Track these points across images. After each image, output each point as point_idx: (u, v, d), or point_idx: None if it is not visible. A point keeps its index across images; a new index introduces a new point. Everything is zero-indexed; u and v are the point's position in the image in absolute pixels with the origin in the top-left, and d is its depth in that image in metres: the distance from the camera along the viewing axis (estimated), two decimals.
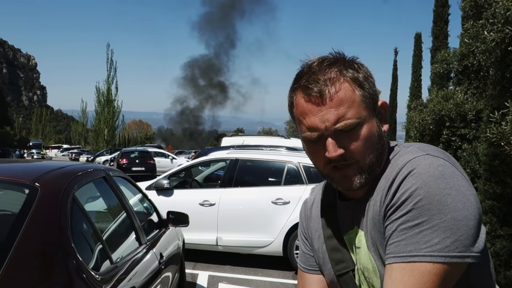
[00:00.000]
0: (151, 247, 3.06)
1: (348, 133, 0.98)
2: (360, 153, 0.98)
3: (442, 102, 8.24)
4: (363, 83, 1.01)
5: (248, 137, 13.57)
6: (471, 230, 0.87)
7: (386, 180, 0.98)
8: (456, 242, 0.86)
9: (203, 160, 7.53)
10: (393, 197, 0.93)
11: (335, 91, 0.97)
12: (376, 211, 0.99)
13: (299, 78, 1.04)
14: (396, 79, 30.99)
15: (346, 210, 1.11)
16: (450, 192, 0.88)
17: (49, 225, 1.84)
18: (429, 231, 0.87)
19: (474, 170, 7.65)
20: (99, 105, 50.52)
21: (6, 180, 2.06)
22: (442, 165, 0.92)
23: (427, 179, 0.90)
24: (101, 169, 2.87)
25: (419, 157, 0.94)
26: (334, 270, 1.12)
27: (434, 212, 0.87)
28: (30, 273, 1.63)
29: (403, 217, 0.90)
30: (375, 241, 1.00)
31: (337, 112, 0.97)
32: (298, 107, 1.03)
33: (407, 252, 0.88)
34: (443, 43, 15.60)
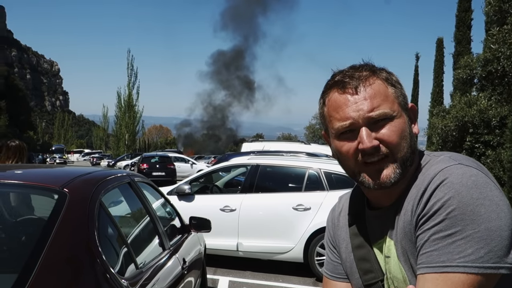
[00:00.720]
0: (174, 252, 3.09)
1: (382, 124, 0.99)
2: (394, 145, 0.99)
3: (465, 108, 8.14)
4: (395, 83, 1.04)
5: (268, 142, 13.58)
6: (505, 240, 0.86)
7: (417, 189, 0.97)
8: (490, 253, 0.85)
9: (223, 166, 7.57)
10: (425, 206, 0.93)
11: (369, 84, 1.01)
12: (407, 220, 0.98)
13: (332, 78, 1.07)
14: (418, 85, 30.66)
15: (375, 219, 1.11)
16: (483, 202, 0.88)
17: (78, 230, 1.88)
18: (462, 241, 0.86)
19: (498, 177, 7.52)
20: (120, 110, 51.23)
21: (36, 185, 2.11)
22: (475, 174, 0.92)
23: (460, 188, 0.89)
24: (126, 174, 2.92)
25: (451, 167, 0.94)
26: (362, 280, 1.12)
27: (467, 222, 0.87)
28: (60, 277, 1.66)
29: (436, 227, 0.90)
30: (405, 250, 1.00)
31: (371, 102, 0.99)
32: (331, 102, 1.04)
33: (440, 263, 0.88)
34: (466, 48, 15.41)
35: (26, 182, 2.14)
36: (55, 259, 1.69)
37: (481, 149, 8.16)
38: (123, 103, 50.98)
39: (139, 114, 52.33)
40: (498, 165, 7.59)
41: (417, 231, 0.95)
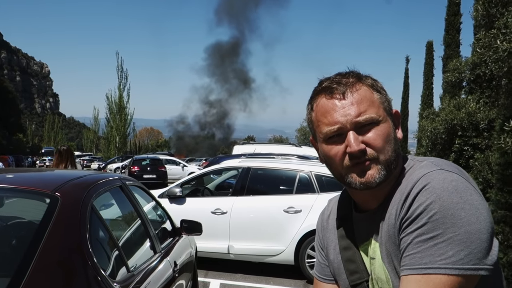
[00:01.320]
0: (166, 255, 3.10)
1: (368, 128, 1.03)
2: (379, 148, 1.02)
3: (454, 111, 8.24)
4: (380, 89, 1.08)
5: (259, 145, 13.61)
6: (484, 243, 0.90)
7: (401, 194, 1.01)
8: (470, 255, 0.89)
9: (215, 169, 7.59)
10: (408, 210, 0.97)
11: (356, 90, 1.05)
12: (391, 223, 1.02)
13: (319, 85, 1.10)
14: (408, 87, 30.87)
15: (362, 222, 1.14)
16: (463, 206, 0.91)
17: (70, 234, 1.90)
18: (443, 244, 0.90)
19: (486, 179, 7.62)
20: (110, 112, 50.97)
21: (28, 189, 2.12)
22: (455, 179, 0.95)
23: (441, 193, 0.93)
24: (117, 178, 2.93)
25: (433, 172, 0.98)
26: (349, 280, 1.15)
27: (448, 226, 0.90)
28: (52, 281, 1.67)
29: (418, 230, 0.93)
30: (389, 253, 1.03)
31: (358, 107, 1.03)
32: (319, 108, 1.08)
33: (422, 264, 0.91)
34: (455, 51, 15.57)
35: (18, 186, 2.15)
36: (47, 262, 1.70)
37: (470, 151, 8.26)
38: (114, 105, 50.74)
39: (130, 116, 52.09)
40: (486, 168, 7.68)
41: (400, 234, 0.99)
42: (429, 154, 8.90)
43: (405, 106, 30.81)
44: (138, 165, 22.65)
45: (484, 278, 0.92)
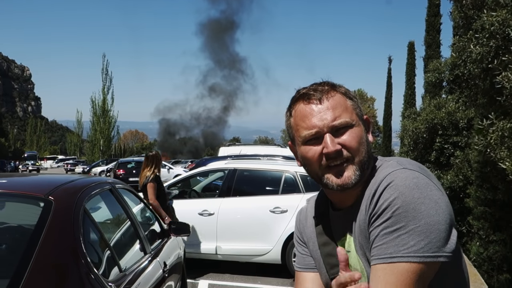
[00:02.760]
0: (155, 256, 3.17)
1: (343, 131, 1.13)
2: (354, 150, 1.12)
3: (434, 110, 8.44)
4: (352, 97, 1.19)
5: (245, 146, 13.71)
6: (442, 233, 1.01)
7: (369, 191, 1.11)
8: (429, 244, 0.99)
9: (201, 171, 7.66)
10: (375, 206, 1.07)
11: (331, 96, 1.16)
12: (362, 219, 1.12)
13: (297, 93, 1.21)
14: (391, 87, 31.24)
15: (338, 219, 1.24)
16: (423, 201, 1.02)
17: (64, 236, 1.97)
18: (406, 235, 1.01)
19: (466, 176, 7.82)
20: (94, 115, 50.53)
21: (21, 194, 2.18)
22: (416, 177, 1.06)
23: (403, 190, 1.04)
24: (107, 181, 3.00)
25: (397, 171, 1.09)
26: (329, 273, 1.25)
27: (410, 219, 1.01)
28: (49, 281, 1.75)
29: (384, 224, 1.04)
30: (362, 245, 1.13)
31: (333, 112, 1.13)
32: (297, 113, 1.18)
33: (388, 254, 1.02)
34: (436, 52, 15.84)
35: (12, 191, 2.21)
36: (44, 264, 1.77)
37: (450, 149, 8.47)
38: (98, 108, 50.32)
39: (114, 119, 51.70)
40: (466, 165, 7.89)
41: (369, 227, 1.09)
42: (411, 152, 9.09)
43: (388, 106, 31.17)
44: (123, 168, 22.57)
45: (445, 264, 1.03)
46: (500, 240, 6.27)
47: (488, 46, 3.54)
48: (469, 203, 7.07)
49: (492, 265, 6.27)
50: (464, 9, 4.86)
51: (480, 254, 6.42)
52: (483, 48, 3.58)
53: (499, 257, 6.20)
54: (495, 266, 6.23)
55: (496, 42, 3.50)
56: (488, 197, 6.32)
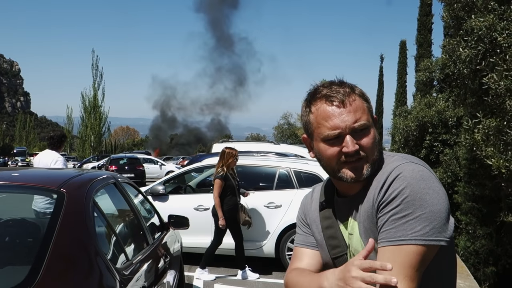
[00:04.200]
0: (157, 247, 3.30)
1: (361, 133, 1.26)
2: (369, 150, 1.26)
3: (425, 109, 8.63)
4: (368, 99, 1.33)
5: (238, 143, 13.80)
6: (443, 220, 1.16)
7: (377, 182, 1.25)
8: (433, 229, 1.14)
9: (196, 167, 7.77)
10: (384, 194, 1.21)
11: (352, 100, 1.28)
12: (369, 206, 1.26)
13: (318, 92, 1.32)
14: (382, 85, 31.47)
15: (343, 205, 1.38)
16: (428, 191, 1.17)
17: (78, 226, 2.09)
18: (413, 221, 1.15)
19: (454, 173, 8.03)
20: (85, 111, 50.25)
21: (35, 186, 2.30)
22: (421, 170, 1.21)
23: (411, 181, 1.18)
24: (111, 175, 3.12)
25: (404, 164, 1.23)
26: (331, 254, 1.39)
27: (417, 206, 1.15)
28: (67, 267, 1.87)
29: (393, 210, 1.18)
30: (367, 229, 1.27)
31: (354, 115, 1.26)
32: (320, 112, 1.29)
33: (396, 238, 1.16)
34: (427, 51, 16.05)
35: (26, 183, 2.32)
36: (60, 251, 1.89)
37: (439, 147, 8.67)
38: (88, 104, 50.03)
39: (105, 115, 51.45)
40: (454, 162, 8.09)
41: (378, 214, 1.23)
42: (401, 150, 9.28)
43: (380, 103, 31.42)
44: (115, 164, 22.55)
45: (443, 248, 1.18)
46: (487, 235, 6.47)
47: (476, 49, 3.70)
48: (458, 199, 7.26)
49: (478, 259, 6.46)
50: (455, 11, 5.01)
51: (467, 248, 6.61)
52: (472, 51, 3.74)
53: (485, 251, 6.40)
54: (482, 259, 6.43)
55: (484, 46, 3.65)
56: (475, 193, 6.51)
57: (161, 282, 3.06)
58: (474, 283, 4.45)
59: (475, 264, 6.44)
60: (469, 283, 4.33)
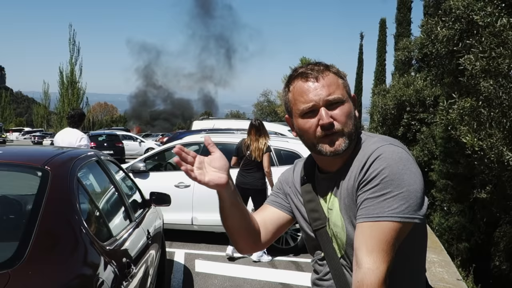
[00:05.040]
0: (139, 224, 3.35)
1: (335, 106, 1.33)
2: (344, 123, 1.33)
3: (403, 88, 8.77)
4: (343, 76, 1.40)
5: (218, 120, 13.80)
6: (418, 199, 1.24)
7: (359, 162, 1.32)
8: (409, 208, 1.22)
9: (177, 144, 7.77)
10: (365, 174, 1.28)
11: (326, 75, 1.35)
12: (350, 184, 1.33)
13: (295, 71, 1.41)
14: (362, 63, 31.60)
15: (323, 180, 1.46)
16: (406, 172, 1.24)
17: (63, 203, 2.12)
18: (390, 199, 1.22)
19: (431, 151, 8.23)
20: (62, 86, 49.28)
21: (20, 164, 2.31)
22: (400, 152, 1.28)
23: (391, 162, 1.25)
24: (94, 153, 3.13)
25: (384, 146, 1.30)
26: (312, 226, 1.47)
27: (395, 186, 1.22)
28: (54, 243, 1.91)
29: (373, 189, 1.25)
30: (346, 206, 1.35)
31: (328, 89, 1.33)
32: (296, 89, 1.37)
33: (374, 214, 1.23)
34: (406, 29, 16.16)
35: (9, 161, 2.33)
36: (46, 228, 1.93)
37: (417, 126, 8.85)
38: (65, 79, 49.03)
39: (83, 91, 50.54)
40: (431, 141, 8.28)
41: (357, 192, 1.30)
42: (380, 128, 9.44)
43: (359, 82, 31.60)
44: (94, 141, 22.22)
45: (416, 225, 1.26)
46: (460, 211, 6.70)
47: (454, 29, 3.78)
48: (433, 176, 7.47)
49: (452, 235, 6.70)
50: None
51: (442, 225, 6.85)
52: (449, 31, 3.82)
53: (459, 227, 6.63)
54: (455, 235, 6.67)
55: (461, 25, 3.74)
56: (450, 171, 6.71)
57: (144, 258, 3.11)
58: (447, 258, 4.64)
59: (448, 240, 6.68)
60: (443, 257, 4.52)
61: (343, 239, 1.37)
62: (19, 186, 2.37)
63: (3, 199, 2.26)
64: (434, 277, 4.11)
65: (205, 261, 5.88)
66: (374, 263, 1.19)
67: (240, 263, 5.84)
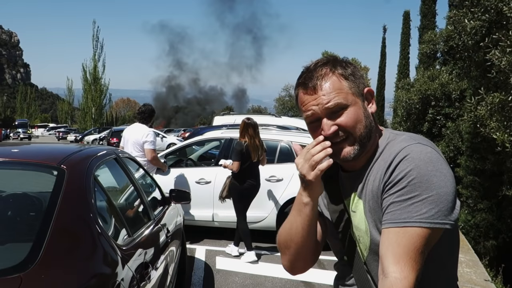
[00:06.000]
0: (159, 222, 3.31)
1: (340, 113, 1.25)
2: (351, 128, 1.25)
3: (428, 82, 8.54)
4: (349, 76, 1.29)
5: (239, 115, 13.74)
6: (450, 203, 1.14)
7: (385, 162, 1.23)
8: (439, 212, 1.13)
9: (198, 140, 7.74)
10: (390, 175, 1.19)
11: (325, 81, 1.27)
12: (375, 185, 1.25)
13: (299, 78, 1.34)
14: (385, 57, 31.15)
15: (347, 180, 1.37)
16: (435, 174, 1.15)
17: (79, 202, 2.08)
18: (419, 203, 1.13)
19: (457, 147, 8.01)
20: (86, 83, 50.04)
21: (35, 163, 2.28)
22: (430, 152, 1.18)
23: (419, 163, 1.16)
24: (112, 151, 3.10)
25: (412, 145, 1.21)
26: (336, 228, 1.39)
27: (423, 189, 1.13)
28: (68, 244, 1.87)
29: (399, 192, 1.17)
30: (371, 208, 1.26)
31: (327, 97, 1.25)
32: (299, 98, 1.33)
33: (401, 219, 1.15)
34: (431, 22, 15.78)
35: (26, 160, 2.30)
36: (61, 229, 1.88)
37: (442, 121, 8.62)
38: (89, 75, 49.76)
39: (106, 87, 51.24)
40: (457, 136, 8.06)
41: (383, 194, 1.21)
42: (404, 123, 9.24)
43: (382, 75, 31.17)
44: (117, 137, 22.51)
45: (448, 230, 1.16)
46: (487, 208, 6.49)
47: (482, 21, 3.62)
48: (459, 172, 7.26)
49: (479, 232, 6.51)
50: None
51: (468, 222, 6.66)
52: (477, 22, 3.66)
53: (486, 224, 6.44)
54: (482, 233, 6.47)
55: (490, 16, 3.57)
56: (477, 167, 6.51)
57: (163, 257, 3.07)
58: (475, 257, 4.49)
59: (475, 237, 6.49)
60: (470, 257, 4.37)
61: (366, 244, 1.29)
62: (35, 185, 2.34)
63: (18, 198, 2.23)
64: (461, 278, 3.97)
65: (226, 258, 5.84)
66: (401, 272, 1.11)
67: (262, 260, 5.77)
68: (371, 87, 1.35)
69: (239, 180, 5.72)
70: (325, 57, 1.34)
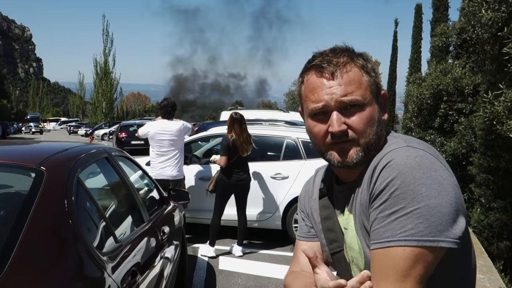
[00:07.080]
0: (153, 224, 3.15)
1: (352, 110, 1.05)
2: (361, 132, 1.05)
3: (440, 76, 8.28)
4: (370, 71, 1.09)
5: (247, 110, 13.57)
6: (445, 216, 0.92)
7: (370, 169, 1.04)
8: (429, 228, 0.91)
9: (202, 136, 7.59)
10: (374, 186, 1.00)
11: (345, 71, 1.06)
12: (363, 198, 1.06)
13: (312, 60, 1.11)
14: (396, 51, 30.69)
15: (340, 193, 1.18)
16: (425, 182, 0.94)
17: (56, 207, 1.91)
18: (403, 218, 0.93)
19: (470, 143, 7.75)
20: (97, 77, 50.27)
21: (12, 164, 2.12)
22: (420, 156, 0.98)
23: (403, 169, 0.96)
24: (103, 149, 2.93)
25: (399, 148, 1.01)
26: (329, 248, 1.20)
27: (408, 201, 0.93)
28: (40, 254, 1.70)
29: (381, 206, 0.97)
30: (362, 225, 1.07)
31: (345, 88, 1.04)
32: (308, 83, 1.10)
33: (384, 238, 0.95)
34: (444, 14, 15.41)
35: (2, 160, 2.14)
36: (34, 236, 1.72)
37: (454, 116, 8.36)
38: (99, 70, 49.95)
39: (116, 81, 51.43)
40: (470, 132, 7.80)
41: (369, 208, 1.02)
42: (414, 119, 8.98)
43: (393, 70, 30.74)
44: (125, 131, 22.50)
45: (452, 251, 0.95)
46: (501, 208, 6.25)
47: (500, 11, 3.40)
48: (472, 170, 7.02)
49: (492, 232, 6.28)
50: None
51: (481, 221, 6.43)
52: (495, 13, 3.44)
53: (500, 224, 6.20)
54: (495, 233, 6.24)
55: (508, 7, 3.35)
56: (491, 165, 6.27)
57: (156, 260, 2.92)
58: (488, 262, 4.26)
59: (488, 238, 6.26)
60: (483, 261, 4.15)
61: (361, 266, 1.10)
62: (9, 189, 2.18)
63: None
64: None
65: (230, 258, 5.69)
66: None
67: (266, 261, 5.61)
68: (386, 92, 1.15)
69: (227, 174, 5.61)
70: (343, 46, 1.14)
